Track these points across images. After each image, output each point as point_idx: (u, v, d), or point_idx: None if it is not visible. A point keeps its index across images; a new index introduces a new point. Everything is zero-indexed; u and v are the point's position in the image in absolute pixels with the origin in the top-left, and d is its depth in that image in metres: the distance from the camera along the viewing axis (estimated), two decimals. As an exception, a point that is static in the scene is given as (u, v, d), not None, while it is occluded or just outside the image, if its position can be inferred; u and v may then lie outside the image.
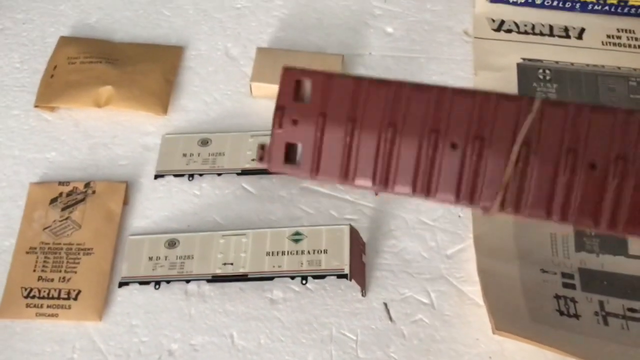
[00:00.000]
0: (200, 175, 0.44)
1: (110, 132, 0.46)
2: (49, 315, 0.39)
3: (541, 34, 0.49)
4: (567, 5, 0.50)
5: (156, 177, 0.44)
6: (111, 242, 0.41)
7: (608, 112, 0.24)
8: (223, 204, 0.43)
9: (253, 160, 0.43)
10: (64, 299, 0.39)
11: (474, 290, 0.39)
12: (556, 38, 0.49)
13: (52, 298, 0.39)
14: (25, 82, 0.48)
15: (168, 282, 0.40)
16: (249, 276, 0.39)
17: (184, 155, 0.44)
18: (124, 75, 0.46)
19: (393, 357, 0.38)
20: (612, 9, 0.49)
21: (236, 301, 0.40)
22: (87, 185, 0.43)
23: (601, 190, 0.23)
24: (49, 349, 0.39)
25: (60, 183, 0.43)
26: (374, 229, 0.42)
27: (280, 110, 0.26)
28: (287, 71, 0.26)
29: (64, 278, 0.40)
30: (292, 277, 0.39)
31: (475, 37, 0.49)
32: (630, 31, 0.49)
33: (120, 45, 0.49)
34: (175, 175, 0.44)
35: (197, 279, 0.40)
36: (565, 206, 0.24)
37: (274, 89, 0.45)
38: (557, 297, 0.39)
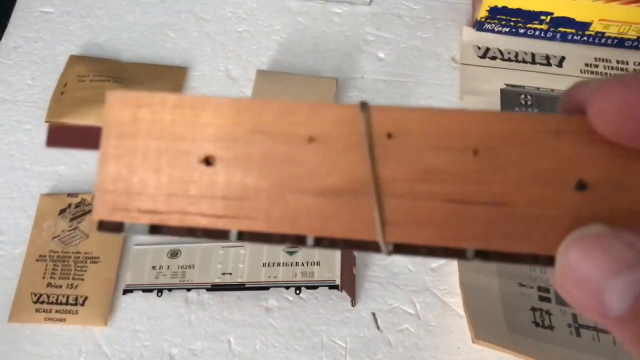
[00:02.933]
0: (202, 189, 0.46)
1: (117, 147, 0.48)
2: (57, 320, 0.41)
3: (524, 61, 0.52)
4: (548, 35, 0.53)
5: (160, 190, 0.46)
6: (117, 252, 0.44)
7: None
8: (222, 217, 0.46)
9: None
10: (71, 304, 0.42)
11: (456, 301, 0.42)
12: (538, 65, 0.52)
13: (60, 304, 0.42)
14: (36, 98, 0.51)
15: (170, 290, 0.42)
16: (246, 285, 0.42)
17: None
18: (131, 94, 0.49)
19: (380, 364, 0.40)
20: (591, 39, 0.53)
21: (234, 309, 0.42)
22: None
23: None
24: (56, 352, 0.41)
25: (69, 195, 0.45)
26: (364, 243, 0.45)
27: None
28: None
29: (71, 285, 0.42)
30: (287, 287, 0.41)
31: (462, 64, 0.52)
32: (606, 60, 0.52)
33: (127, 65, 0.52)
34: (178, 189, 0.46)
35: (197, 287, 0.42)
36: None
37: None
38: (533, 309, 0.41)
